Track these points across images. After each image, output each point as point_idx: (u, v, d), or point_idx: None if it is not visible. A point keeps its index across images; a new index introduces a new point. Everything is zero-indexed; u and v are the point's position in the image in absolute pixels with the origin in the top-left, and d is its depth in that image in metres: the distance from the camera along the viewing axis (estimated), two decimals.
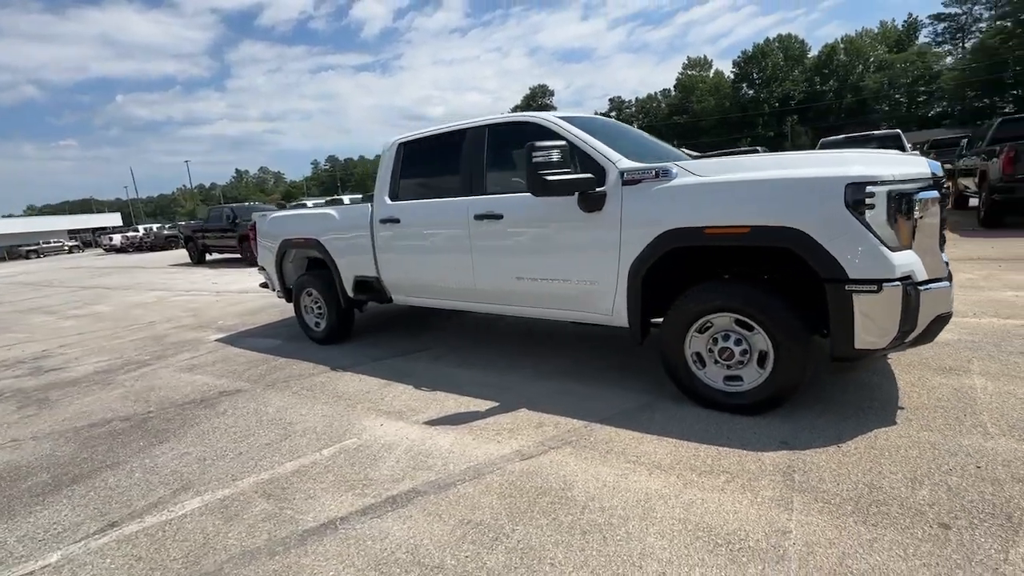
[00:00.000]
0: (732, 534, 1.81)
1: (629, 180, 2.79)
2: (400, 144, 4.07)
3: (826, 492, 1.99)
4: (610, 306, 2.99)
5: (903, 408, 2.59)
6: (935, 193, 2.30)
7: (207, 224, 15.25)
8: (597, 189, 2.85)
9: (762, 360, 2.57)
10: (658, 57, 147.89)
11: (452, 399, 3.27)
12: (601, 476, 2.25)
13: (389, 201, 4.03)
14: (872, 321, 2.23)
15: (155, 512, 2.31)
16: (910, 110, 58.13)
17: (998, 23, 50.49)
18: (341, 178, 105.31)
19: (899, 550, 1.66)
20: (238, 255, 13.90)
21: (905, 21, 61.21)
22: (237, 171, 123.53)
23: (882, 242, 2.19)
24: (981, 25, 53.17)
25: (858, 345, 2.28)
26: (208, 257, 16.05)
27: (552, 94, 73.02)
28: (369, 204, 4.24)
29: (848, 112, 60.31)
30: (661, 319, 2.86)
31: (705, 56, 75.08)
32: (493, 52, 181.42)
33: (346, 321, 4.82)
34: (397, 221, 3.92)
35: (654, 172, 2.72)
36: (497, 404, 3.11)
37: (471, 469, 2.41)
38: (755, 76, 65.95)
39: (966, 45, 55.64)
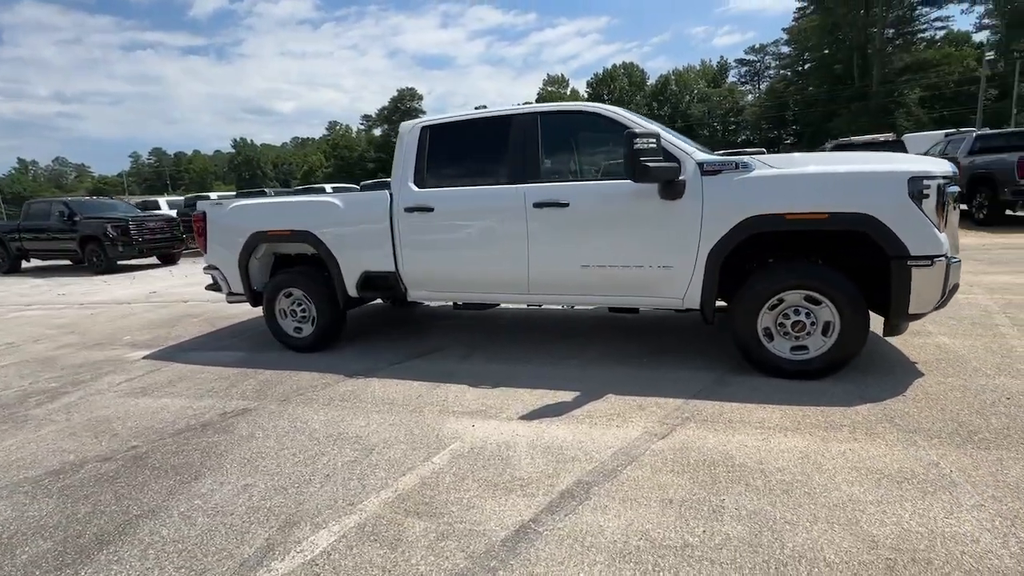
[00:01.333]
0: (899, 472, 2.09)
1: (709, 170, 3.00)
2: (424, 128, 3.77)
3: (931, 430, 2.39)
4: (683, 290, 3.17)
5: (916, 363, 3.20)
6: (956, 188, 2.91)
7: (26, 223, 12.04)
8: (679, 178, 3.01)
9: (825, 330, 2.96)
10: (515, 71, 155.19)
11: (524, 393, 3.14)
12: (747, 443, 2.39)
13: (416, 188, 3.70)
14: (924, 290, 2.73)
15: (278, 557, 1.85)
16: (724, 136, 69.63)
17: (781, 72, 63.40)
18: (171, 175, 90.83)
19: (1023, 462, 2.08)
20: (79, 261, 11.26)
21: (718, 62, 73.24)
22: (21, 161, 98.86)
23: (934, 225, 2.71)
24: (771, 72, 66.06)
25: (912, 311, 2.78)
26: (26, 264, 12.69)
27: (421, 98, 72.05)
28: (386, 191, 3.84)
29: (680, 134, 70.06)
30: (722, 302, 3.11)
31: (562, 75, 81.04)
32: (349, 50, 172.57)
33: (340, 325, 4.28)
34: (430, 209, 3.62)
35: (734, 164, 2.97)
36: (578, 393, 3.08)
37: (619, 454, 2.37)
38: (606, 97, 73.06)
39: (761, 86, 68.72)
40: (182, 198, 21.07)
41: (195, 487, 2.35)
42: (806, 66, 58.27)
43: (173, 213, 13.78)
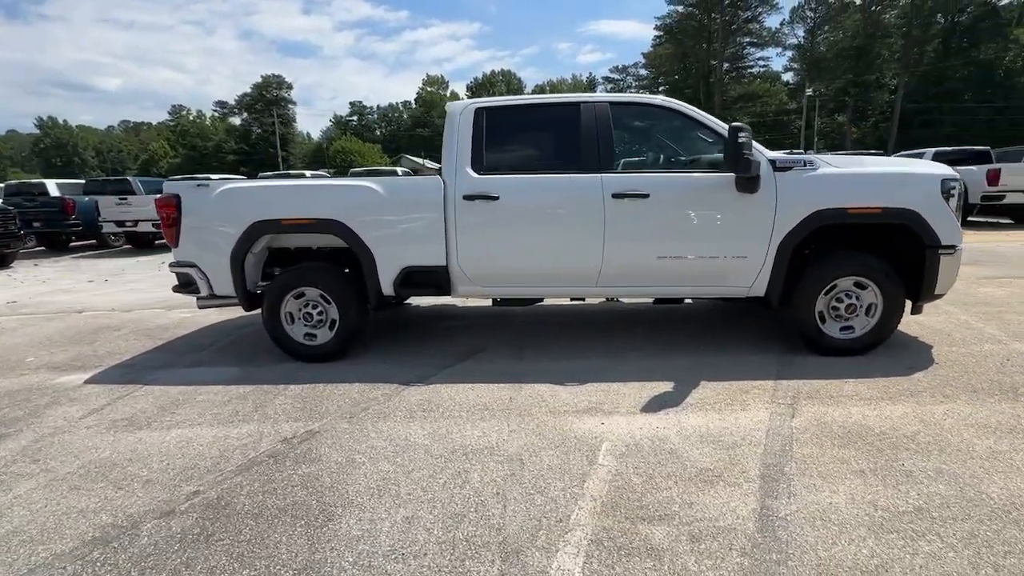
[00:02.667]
0: (1001, 424, 2.46)
1: (781, 167, 3.23)
2: (479, 110, 3.47)
3: (984, 389, 2.86)
4: (752, 279, 3.37)
5: (916, 337, 3.79)
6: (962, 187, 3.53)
7: None
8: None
9: (868, 311, 3.38)
10: (388, 69, 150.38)
11: (617, 387, 3.06)
12: (867, 414, 2.62)
13: (475, 175, 3.39)
14: (948, 274, 3.26)
15: None
16: None
17: (641, 91, 70.63)
18: None
19: None
20: None
21: (587, 78, 79.04)
22: None
23: (956, 220, 3.24)
24: (632, 90, 73.15)
25: (937, 292, 3.30)
26: None
27: (290, 87, 65.90)
28: (437, 177, 3.45)
29: None
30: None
31: (442, 76, 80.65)
32: (193, 25, 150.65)
33: (362, 329, 3.75)
34: (494, 198, 3.34)
35: (803, 162, 3.24)
36: (670, 383, 3.09)
37: (772, 436, 2.44)
38: None
39: None
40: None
41: (339, 529, 1.88)
42: (661, 88, 65.58)
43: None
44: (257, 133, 62.78)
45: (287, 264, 3.96)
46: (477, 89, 73.91)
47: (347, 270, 3.73)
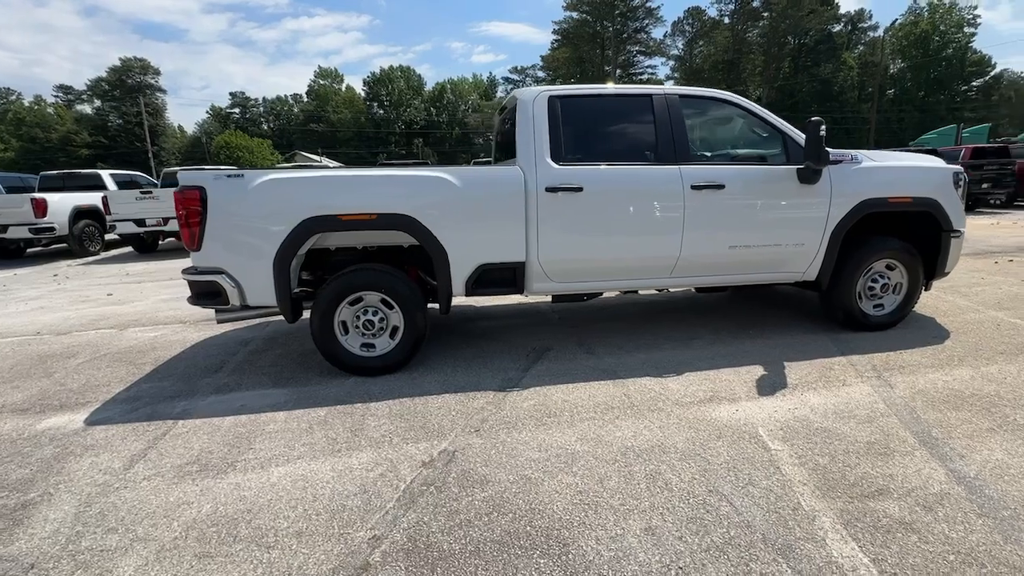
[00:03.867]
0: None
1: (833, 160, 3.50)
2: (553, 98, 3.30)
3: (1007, 352, 3.35)
4: (807, 265, 3.62)
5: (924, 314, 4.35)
6: None
7: None
8: None
9: (895, 290, 3.81)
10: (268, 58, 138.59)
11: (713, 375, 3.12)
12: (951, 377, 2.95)
13: (556, 165, 3.23)
14: (955, 254, 3.78)
15: None
16: None
17: None
18: None
19: None
20: None
21: (488, 77, 79.69)
22: None
23: (962, 207, 3.76)
24: None
25: (946, 270, 3.81)
26: None
27: (157, 72, 57.73)
28: (515, 168, 3.23)
29: (458, 141, 73.78)
30: None
31: (336, 69, 76.39)
32: None
33: (426, 336, 3.40)
34: (578, 189, 3.21)
35: (850, 156, 3.54)
36: (759, 368, 3.21)
37: (900, 409, 2.63)
38: (384, 98, 71.85)
39: None
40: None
41: (586, 554, 1.69)
42: None
43: None
44: (117, 124, 54.42)
45: (316, 267, 3.50)
46: (374, 84, 71.21)
47: (408, 270, 3.37)
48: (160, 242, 11.08)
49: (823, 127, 3.14)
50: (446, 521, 1.87)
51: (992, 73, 52.87)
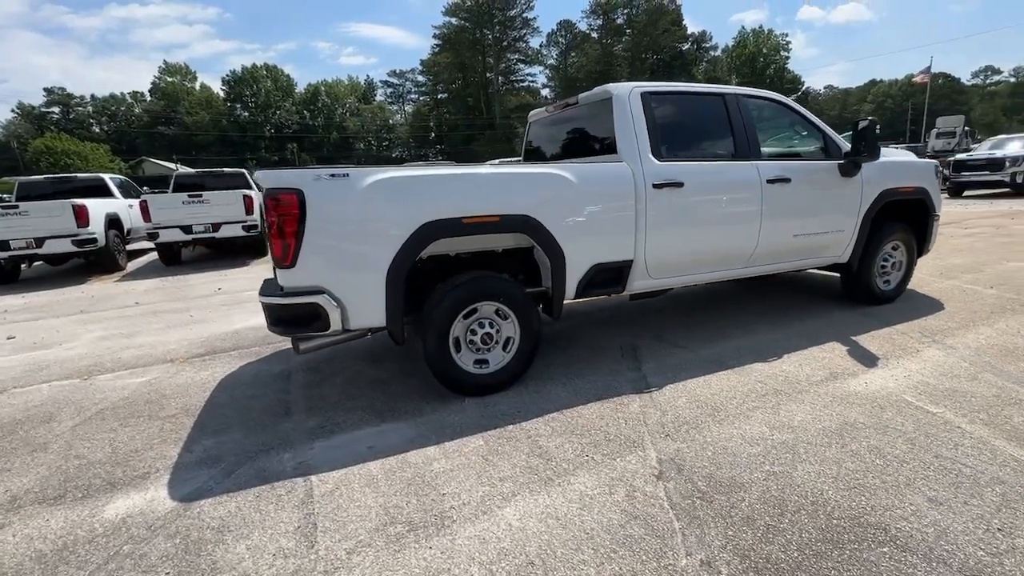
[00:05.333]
0: None
1: None
2: (646, 95, 3.26)
3: (999, 311, 4.07)
4: (843, 249, 4.05)
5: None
6: None
7: None
8: None
9: (897, 268, 4.43)
10: (89, 49, 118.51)
11: (812, 353, 3.35)
12: (990, 335, 3.49)
13: (656, 161, 3.20)
14: (935, 235, 4.51)
15: None
16: (379, 151, 73.62)
17: (422, 97, 71.83)
18: None
19: None
20: None
21: (366, 80, 76.51)
22: None
23: (940, 194, 4.49)
24: (413, 96, 73.74)
25: (929, 248, 4.53)
26: None
27: None
28: (623, 164, 3.13)
29: (337, 146, 69.79)
30: None
31: (186, 65, 67.69)
32: None
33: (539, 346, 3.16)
34: (679, 185, 3.22)
35: None
36: (838, 343, 3.52)
37: (993, 366, 3.05)
38: (249, 99, 65.38)
39: (406, 108, 75.89)
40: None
41: (907, 534, 1.71)
42: (443, 95, 67.91)
43: None
44: None
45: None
46: (236, 83, 64.59)
47: (520, 276, 3.11)
48: (24, 268, 8.87)
49: (876, 126, 3.55)
50: (753, 531, 1.77)
51: (802, 89, 63.95)
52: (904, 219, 4.39)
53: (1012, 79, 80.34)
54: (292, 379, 3.41)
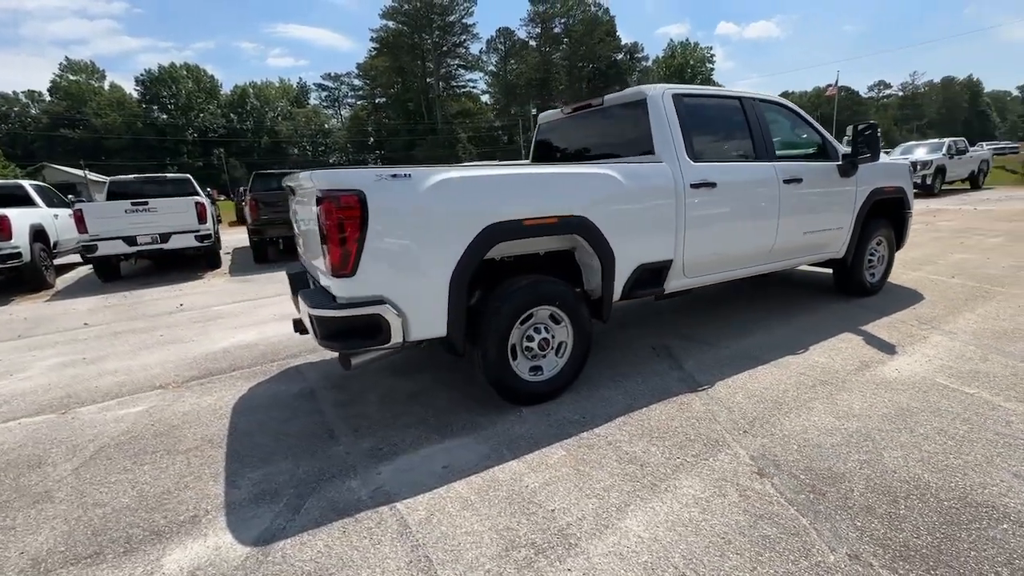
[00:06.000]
0: None
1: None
2: (677, 96, 3.29)
3: (975, 298, 4.48)
4: (840, 245, 4.30)
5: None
6: None
7: None
8: None
9: (880, 261, 4.77)
10: None
11: (835, 344, 3.51)
12: (981, 320, 3.81)
13: (692, 162, 3.24)
14: (909, 230, 4.91)
15: None
16: (315, 156, 70.76)
17: (360, 102, 69.88)
18: None
19: None
20: None
21: (299, 83, 73.35)
22: None
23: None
24: (350, 100, 71.56)
25: (903, 243, 4.92)
26: None
27: None
28: (663, 164, 3.13)
29: (268, 151, 66.32)
30: None
31: (92, 63, 61.85)
32: None
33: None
34: (713, 185, 3.28)
35: None
36: (849, 334, 3.72)
37: (989, 347, 3.33)
38: (168, 101, 60.79)
39: (342, 112, 73.52)
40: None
41: (1017, 511, 1.80)
42: (382, 100, 66.44)
43: None
44: None
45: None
46: (153, 84, 59.99)
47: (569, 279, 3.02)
48: None
49: (879, 129, 3.80)
50: (879, 520, 1.79)
51: None
52: (885, 216, 4.74)
53: (900, 93, 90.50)
54: (318, 399, 3.13)
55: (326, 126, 70.99)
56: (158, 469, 2.42)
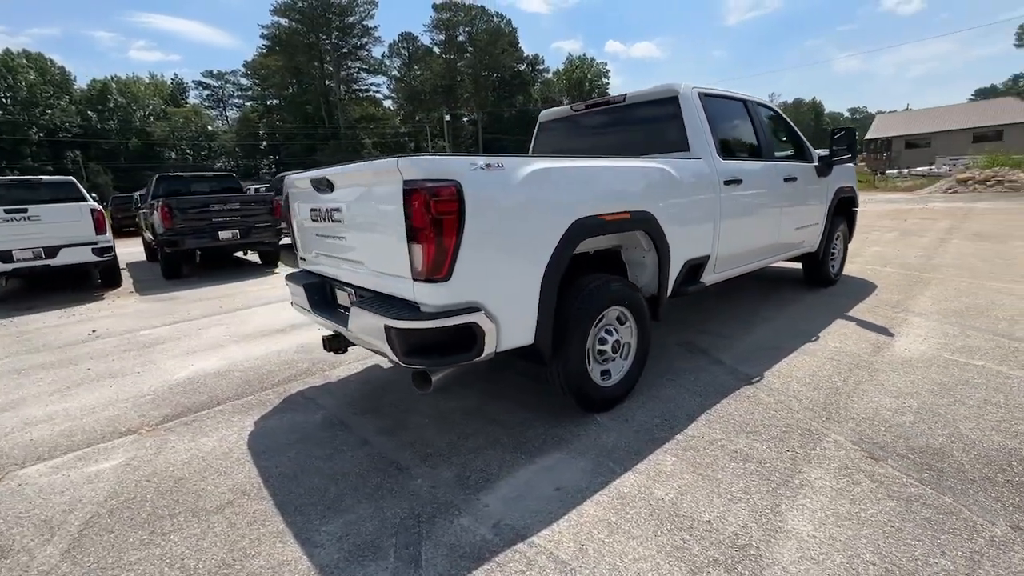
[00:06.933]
0: None
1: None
2: (702, 95, 3.33)
3: (919, 282, 5.09)
4: (815, 239, 4.67)
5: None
6: None
7: None
8: None
9: (839, 254, 5.26)
10: None
11: (833, 332, 3.78)
12: (940, 301, 4.32)
13: (722, 159, 3.28)
14: (856, 224, 5.49)
15: None
16: (197, 160, 63.85)
17: (249, 103, 64.35)
18: None
19: None
20: None
21: (174, 79, 65.76)
22: None
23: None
24: (237, 100, 65.54)
25: (852, 237, 5.49)
26: None
27: None
28: (701, 160, 3.13)
29: (137, 155, 58.65)
30: None
31: None
32: None
33: None
34: (739, 182, 3.36)
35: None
36: (842, 320, 4.04)
37: (966, 326, 3.76)
38: (2, 94, 51.33)
39: (228, 113, 67.15)
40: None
41: None
42: (275, 101, 61.73)
43: None
44: None
45: None
46: None
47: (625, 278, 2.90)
48: None
49: (856, 133, 4.17)
50: (1010, 490, 1.89)
51: None
52: (841, 213, 5.25)
53: None
54: (353, 427, 2.69)
55: (210, 128, 64.45)
56: (192, 537, 1.89)
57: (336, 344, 2.74)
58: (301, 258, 3.11)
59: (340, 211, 2.38)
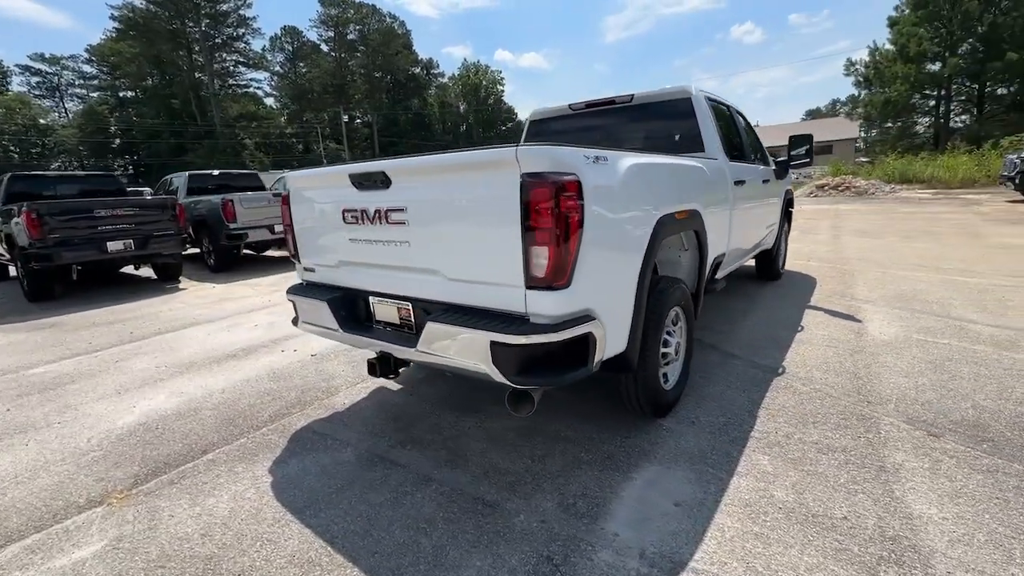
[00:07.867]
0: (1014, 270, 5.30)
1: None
2: (707, 99, 3.41)
3: (854, 274, 5.75)
4: (773, 238, 5.07)
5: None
6: None
7: None
8: None
9: (783, 251, 5.79)
10: None
11: (819, 323, 4.12)
12: (909, 282, 4.90)
13: (729, 160, 3.38)
14: (792, 222, 6.08)
15: None
16: (25, 160, 53.57)
17: (97, 94, 55.41)
18: None
19: None
20: None
21: None
22: None
23: None
24: (78, 90, 56.07)
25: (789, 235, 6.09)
26: None
27: None
28: (717, 160, 3.18)
29: None
30: None
31: None
32: None
33: None
34: (743, 183, 3.49)
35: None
36: (821, 312, 4.42)
37: (932, 312, 4.29)
38: None
39: (67, 105, 57.22)
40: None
41: None
42: (131, 93, 53.87)
43: None
44: None
45: None
46: None
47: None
48: None
49: (812, 138, 4.58)
50: None
51: (515, 119, 75.14)
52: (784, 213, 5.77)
53: None
54: (400, 462, 2.31)
55: (42, 121, 54.45)
56: None
57: (387, 368, 2.34)
58: (307, 268, 2.63)
59: (404, 211, 2.01)
